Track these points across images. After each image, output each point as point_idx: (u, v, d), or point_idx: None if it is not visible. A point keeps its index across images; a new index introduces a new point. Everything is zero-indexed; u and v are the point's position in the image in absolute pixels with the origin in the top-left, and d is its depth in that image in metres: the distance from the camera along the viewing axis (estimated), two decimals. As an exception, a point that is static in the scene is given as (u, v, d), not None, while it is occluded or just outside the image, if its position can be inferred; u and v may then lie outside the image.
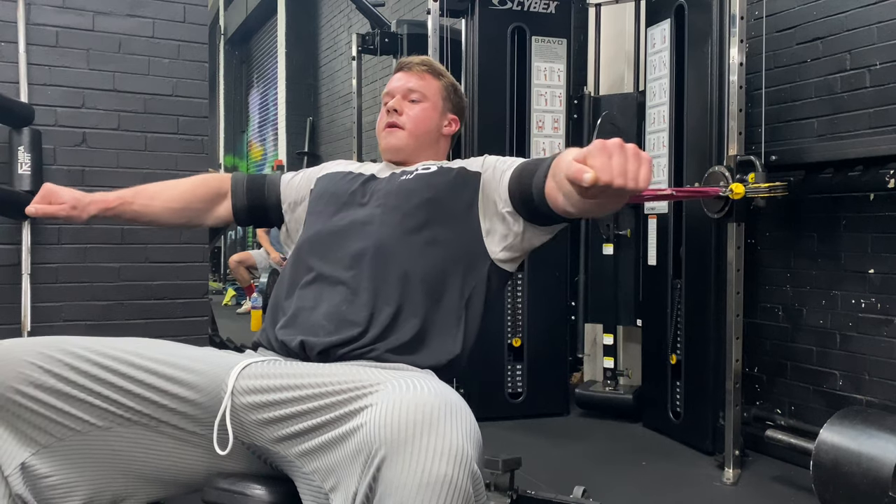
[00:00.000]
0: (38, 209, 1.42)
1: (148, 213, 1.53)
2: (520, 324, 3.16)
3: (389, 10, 5.22)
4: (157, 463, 1.16)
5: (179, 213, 1.55)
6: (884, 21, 2.35)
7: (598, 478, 2.44)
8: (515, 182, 1.32)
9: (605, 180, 0.88)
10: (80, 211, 1.45)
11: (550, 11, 3.17)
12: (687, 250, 2.82)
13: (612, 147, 0.90)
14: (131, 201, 1.51)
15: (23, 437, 1.10)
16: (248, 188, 1.57)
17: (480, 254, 1.37)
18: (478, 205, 1.38)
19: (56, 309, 2.56)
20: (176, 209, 1.54)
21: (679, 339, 2.83)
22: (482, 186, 1.39)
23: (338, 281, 1.29)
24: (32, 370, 1.10)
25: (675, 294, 2.86)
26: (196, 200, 1.55)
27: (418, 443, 0.88)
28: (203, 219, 1.58)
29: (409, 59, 1.55)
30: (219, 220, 1.59)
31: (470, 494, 0.90)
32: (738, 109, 2.43)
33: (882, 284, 2.36)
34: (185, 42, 2.75)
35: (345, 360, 1.21)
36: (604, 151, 0.89)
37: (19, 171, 2.42)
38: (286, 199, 1.57)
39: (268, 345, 1.31)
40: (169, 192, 1.55)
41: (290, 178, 1.58)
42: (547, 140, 3.19)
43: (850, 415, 2.13)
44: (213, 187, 1.57)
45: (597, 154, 0.89)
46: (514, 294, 3.16)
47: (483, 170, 1.41)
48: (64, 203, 1.43)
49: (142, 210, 1.53)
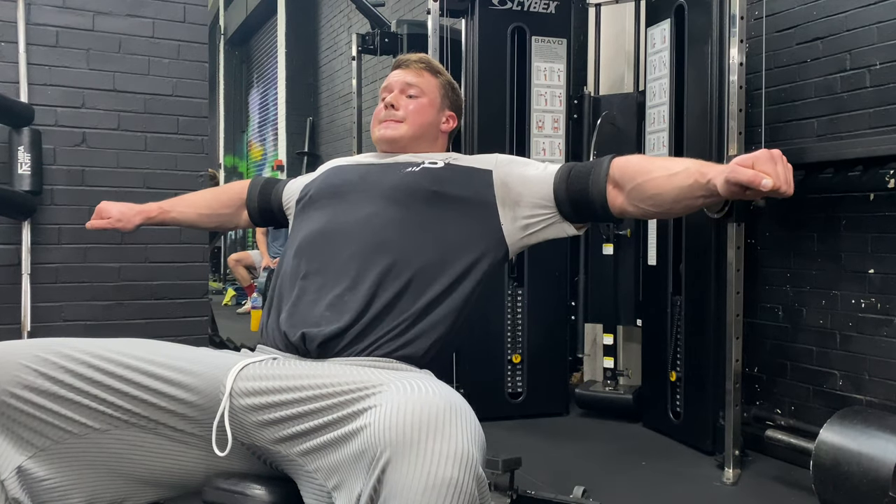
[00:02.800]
0: (93, 224, 1.70)
1: (184, 219, 1.77)
2: (520, 323, 3.16)
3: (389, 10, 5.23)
4: (156, 464, 1.15)
5: (209, 217, 1.77)
6: (884, 21, 2.35)
7: (598, 478, 2.44)
8: (564, 182, 1.36)
9: (776, 186, 1.04)
10: (126, 223, 1.70)
11: (550, 11, 3.17)
12: (687, 250, 2.82)
13: (777, 157, 1.06)
14: (170, 210, 1.75)
15: (19, 440, 1.10)
16: (260, 192, 1.70)
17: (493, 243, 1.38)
18: (494, 198, 1.39)
19: (56, 309, 2.57)
20: (206, 215, 1.76)
21: (679, 338, 2.83)
22: (498, 181, 1.41)
23: (340, 274, 1.29)
24: (28, 373, 1.09)
25: (675, 294, 2.86)
26: (221, 206, 1.75)
27: (424, 445, 0.88)
28: (234, 221, 1.77)
29: (407, 56, 1.56)
30: (245, 222, 1.76)
31: (475, 497, 0.90)
32: (738, 109, 2.43)
33: (882, 284, 2.36)
34: (185, 42, 2.76)
35: (341, 355, 1.21)
36: (772, 160, 1.06)
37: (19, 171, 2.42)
38: (287, 201, 1.62)
39: (267, 337, 1.30)
40: (200, 200, 1.79)
41: (294, 180, 1.66)
42: (547, 140, 3.19)
43: (850, 415, 2.13)
44: (236, 194, 1.74)
45: (768, 162, 1.06)
46: (514, 294, 3.16)
47: (496, 167, 1.43)
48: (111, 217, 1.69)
49: (180, 217, 1.76)
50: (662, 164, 1.32)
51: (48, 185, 2.54)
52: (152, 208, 1.73)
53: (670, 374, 2.87)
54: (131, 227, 1.71)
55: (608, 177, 1.32)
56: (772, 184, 1.03)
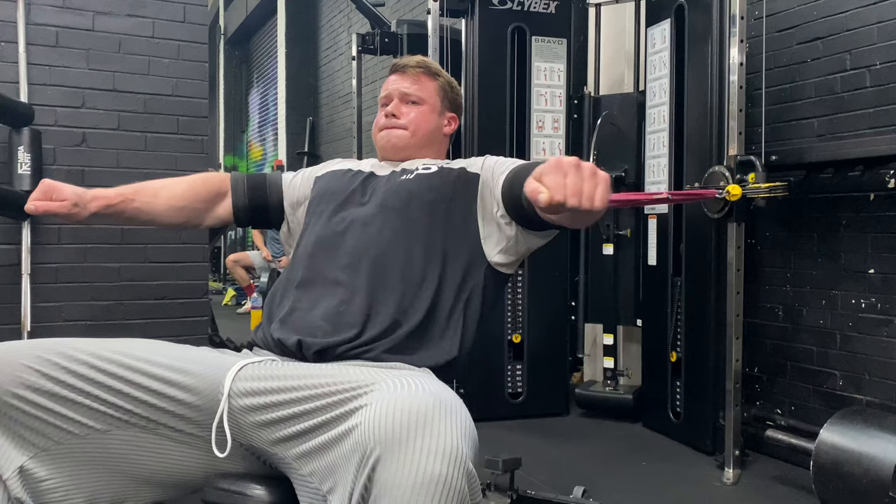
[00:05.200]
0: (39, 206, 1.34)
1: (149, 210, 1.47)
2: (520, 324, 3.16)
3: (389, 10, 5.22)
4: (156, 465, 1.15)
5: (180, 211, 1.50)
6: (884, 21, 2.35)
7: (598, 478, 2.44)
8: (507, 188, 1.31)
9: (558, 199, 0.87)
10: (82, 208, 1.37)
11: (550, 11, 3.17)
12: (687, 250, 2.81)
13: (567, 166, 0.89)
14: (132, 198, 1.45)
15: (20, 440, 1.10)
16: (250, 188, 1.53)
17: (478, 256, 1.37)
18: (476, 208, 1.38)
19: (56, 309, 2.56)
20: (177, 207, 1.49)
21: (679, 338, 2.83)
22: (481, 189, 1.39)
23: (336, 282, 1.29)
24: (28, 374, 1.09)
25: (675, 294, 2.86)
26: (197, 200, 1.51)
27: (412, 442, 0.88)
28: (202, 219, 1.54)
29: (404, 60, 1.54)
30: (218, 221, 1.55)
31: (465, 493, 0.90)
32: (738, 109, 2.43)
33: (882, 284, 2.36)
34: (185, 42, 2.75)
35: (342, 359, 1.21)
36: (559, 170, 0.88)
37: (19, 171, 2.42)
38: (288, 199, 1.55)
39: (263, 343, 1.30)
40: (170, 189, 1.50)
41: (292, 177, 1.57)
42: (547, 140, 3.19)
43: (850, 415, 2.13)
44: (214, 186, 1.53)
45: (551, 173, 0.89)
46: (515, 294, 3.16)
47: (482, 171, 1.41)
48: (65, 200, 1.35)
49: (143, 207, 1.46)
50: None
51: (48, 185, 2.54)
52: (111, 194, 1.42)
53: (670, 374, 2.87)
54: (86, 214, 1.38)
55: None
56: (546, 198, 0.87)
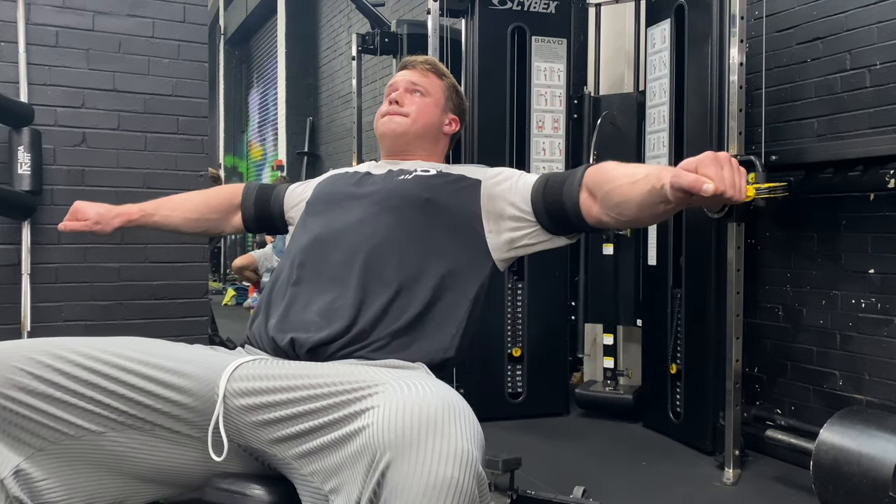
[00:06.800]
0: (67, 226, 1.61)
1: (169, 223, 1.68)
2: (520, 323, 3.16)
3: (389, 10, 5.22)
4: (154, 465, 1.15)
5: (196, 223, 1.68)
6: (884, 21, 2.35)
7: (598, 478, 2.44)
8: (540, 193, 1.35)
9: (721, 190, 0.96)
10: (105, 225, 1.61)
11: (550, 11, 3.17)
12: (687, 250, 2.81)
13: (724, 160, 0.98)
14: (153, 213, 1.66)
15: (16, 441, 1.10)
16: (257, 198, 1.66)
17: (481, 256, 1.39)
18: (480, 210, 1.40)
19: (56, 309, 2.56)
20: (192, 220, 1.68)
21: (679, 338, 2.83)
22: (485, 193, 1.41)
23: (331, 279, 1.30)
24: (22, 376, 1.09)
25: (675, 294, 2.86)
26: (210, 211, 1.68)
27: (423, 445, 0.88)
28: (221, 227, 1.70)
29: (414, 57, 1.59)
30: (235, 228, 1.70)
31: (475, 496, 0.90)
32: (738, 109, 2.43)
33: (882, 284, 2.36)
34: (185, 42, 2.75)
35: (333, 359, 1.21)
36: (717, 163, 0.98)
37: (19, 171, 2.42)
38: (289, 207, 1.62)
39: (257, 342, 1.30)
40: (187, 203, 1.69)
41: (295, 186, 1.65)
42: (547, 140, 3.19)
43: (850, 415, 2.13)
44: (227, 198, 1.68)
45: (711, 165, 0.98)
46: (514, 294, 3.16)
47: (485, 178, 1.43)
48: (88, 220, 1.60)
49: (163, 221, 1.67)
50: (627, 170, 1.24)
51: (48, 185, 2.54)
52: (133, 210, 1.64)
53: (670, 375, 2.87)
54: (109, 229, 1.62)
55: (581, 186, 1.30)
56: (713, 188, 0.96)
